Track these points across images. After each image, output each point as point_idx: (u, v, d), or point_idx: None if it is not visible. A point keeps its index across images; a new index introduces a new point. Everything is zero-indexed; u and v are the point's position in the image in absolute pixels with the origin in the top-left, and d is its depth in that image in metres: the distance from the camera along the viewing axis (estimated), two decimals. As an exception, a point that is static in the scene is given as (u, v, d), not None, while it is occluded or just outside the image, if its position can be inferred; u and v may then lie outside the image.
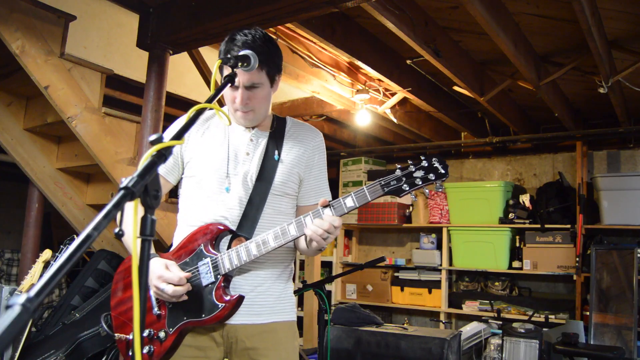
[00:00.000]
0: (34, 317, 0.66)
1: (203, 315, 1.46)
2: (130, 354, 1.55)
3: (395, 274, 5.54)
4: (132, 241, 0.84)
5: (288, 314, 1.62)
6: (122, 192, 0.79)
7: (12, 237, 6.20)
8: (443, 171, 1.38)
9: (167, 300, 1.47)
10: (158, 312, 1.50)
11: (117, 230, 0.81)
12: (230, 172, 1.56)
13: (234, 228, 1.52)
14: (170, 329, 1.48)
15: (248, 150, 1.59)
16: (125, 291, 1.61)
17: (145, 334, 1.50)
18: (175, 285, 1.41)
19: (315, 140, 1.70)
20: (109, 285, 3.36)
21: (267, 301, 1.57)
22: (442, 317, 5.12)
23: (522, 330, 3.81)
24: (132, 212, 0.83)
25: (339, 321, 3.45)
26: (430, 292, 5.21)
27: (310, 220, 1.42)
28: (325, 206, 1.43)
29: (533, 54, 3.30)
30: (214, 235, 1.51)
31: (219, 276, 1.46)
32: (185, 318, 1.47)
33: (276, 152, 1.60)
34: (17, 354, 2.66)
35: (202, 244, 1.50)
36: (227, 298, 1.45)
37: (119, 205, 0.76)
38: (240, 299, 1.46)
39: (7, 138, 3.27)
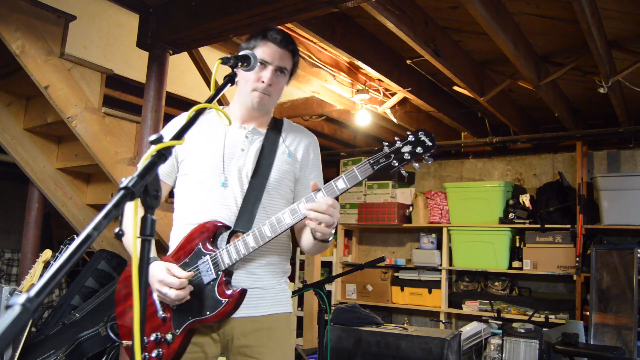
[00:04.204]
0: (34, 317, 0.66)
1: (207, 313, 1.46)
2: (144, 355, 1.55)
3: (395, 274, 5.54)
4: (132, 241, 0.85)
5: (285, 306, 1.64)
6: (122, 192, 0.79)
7: (12, 237, 6.20)
8: (430, 143, 1.37)
9: (170, 304, 1.48)
10: (163, 315, 1.50)
11: (117, 230, 0.81)
12: (225, 168, 1.57)
13: (231, 225, 1.52)
14: (177, 330, 1.48)
15: (243, 147, 1.60)
16: (128, 299, 1.60)
17: (153, 337, 1.50)
18: (177, 289, 1.41)
19: (309, 139, 1.72)
20: (109, 285, 3.38)
21: (266, 295, 1.58)
22: (442, 317, 5.12)
23: (522, 330, 3.81)
24: (132, 212, 0.83)
25: (339, 321, 3.45)
26: (430, 292, 5.21)
27: (303, 206, 1.41)
28: (316, 190, 1.41)
29: (533, 54, 3.30)
30: (211, 232, 1.51)
31: (219, 272, 1.46)
32: (190, 318, 1.47)
33: (272, 148, 1.62)
34: (17, 354, 2.66)
35: (200, 243, 1.50)
36: (229, 292, 1.45)
37: (119, 205, 0.76)
38: (243, 292, 1.46)
39: (7, 138, 3.27)
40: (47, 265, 2.83)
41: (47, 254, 2.86)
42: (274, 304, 1.60)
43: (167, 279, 1.41)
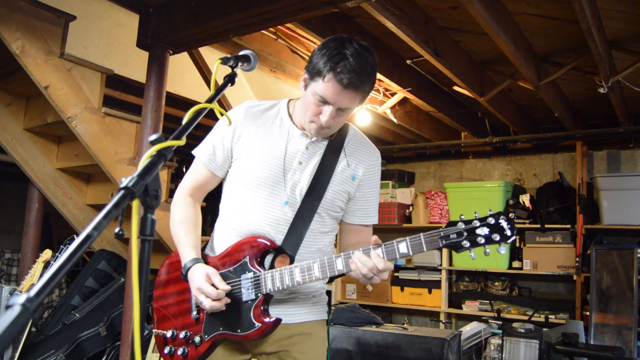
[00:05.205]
0: (34, 317, 0.67)
1: (239, 331, 1.44)
2: (160, 350, 1.54)
3: (395, 274, 5.54)
4: (132, 241, 0.84)
5: (320, 313, 1.60)
6: (122, 192, 0.79)
7: (12, 237, 6.20)
8: (509, 233, 1.25)
9: (204, 310, 1.47)
10: (197, 315, 1.49)
11: (117, 230, 0.81)
12: (280, 181, 1.49)
13: (279, 243, 1.47)
14: (206, 336, 1.48)
15: (302, 159, 1.50)
16: (169, 286, 1.59)
17: (182, 335, 1.50)
18: (213, 300, 1.39)
19: (373, 159, 1.60)
20: (109, 285, 3.38)
21: (302, 303, 1.55)
22: (442, 317, 5.13)
23: (522, 330, 3.81)
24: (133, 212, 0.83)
25: (339, 321, 3.44)
26: (430, 292, 5.21)
27: (357, 258, 1.32)
28: (376, 245, 1.32)
29: (533, 54, 3.30)
30: (260, 249, 1.46)
31: (259, 295, 1.43)
32: (221, 329, 1.46)
33: (332, 164, 1.51)
34: (17, 354, 2.66)
35: (248, 257, 1.46)
36: (266, 320, 1.42)
37: (119, 205, 0.76)
38: (277, 322, 1.43)
39: (7, 138, 3.27)
40: (47, 265, 2.83)
41: (47, 254, 2.86)
42: (310, 312, 1.56)
43: (205, 287, 1.39)
